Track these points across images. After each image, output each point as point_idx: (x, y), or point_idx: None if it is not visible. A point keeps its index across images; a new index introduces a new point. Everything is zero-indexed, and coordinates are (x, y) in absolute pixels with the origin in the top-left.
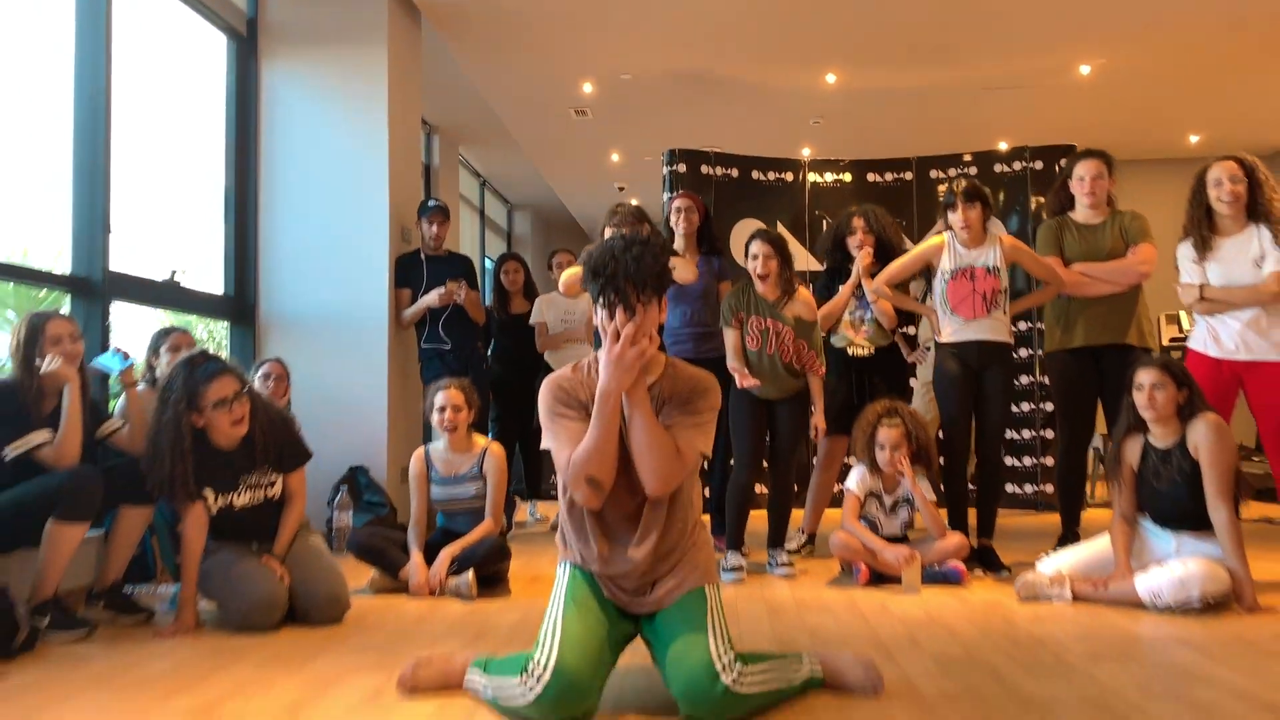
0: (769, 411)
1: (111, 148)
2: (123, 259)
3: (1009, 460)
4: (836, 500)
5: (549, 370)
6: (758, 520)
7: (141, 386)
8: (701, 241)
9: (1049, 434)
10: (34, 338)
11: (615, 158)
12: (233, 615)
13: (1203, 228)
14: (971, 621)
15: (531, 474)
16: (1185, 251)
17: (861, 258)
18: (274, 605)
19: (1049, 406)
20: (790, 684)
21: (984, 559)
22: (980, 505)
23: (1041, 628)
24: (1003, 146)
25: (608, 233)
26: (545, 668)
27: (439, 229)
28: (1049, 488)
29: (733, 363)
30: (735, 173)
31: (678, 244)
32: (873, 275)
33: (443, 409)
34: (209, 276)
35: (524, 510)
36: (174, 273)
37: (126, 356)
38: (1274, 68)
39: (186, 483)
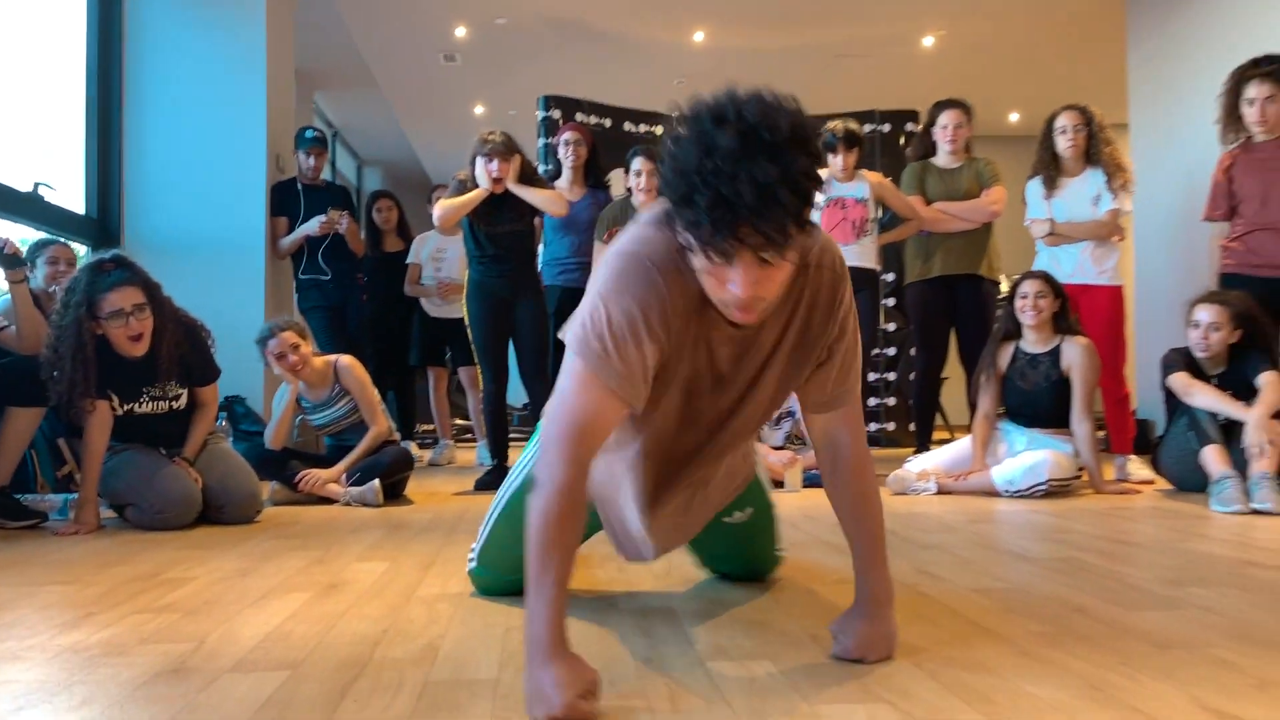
0: None
1: None
2: None
3: None
4: None
5: (423, 313)
6: None
7: None
8: (589, 174)
9: (892, 376)
10: None
11: (479, 110)
12: (146, 513)
13: (1050, 168)
14: None
15: (405, 416)
16: (1034, 189)
17: None
18: (191, 502)
19: (891, 351)
20: None
21: None
22: None
23: (911, 506)
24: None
25: (478, 163)
26: (475, 560)
27: (317, 160)
28: (891, 426)
29: None
30: (608, 123)
31: (564, 176)
32: None
33: (282, 355)
34: (68, 195)
35: None
36: (37, 185)
37: (18, 256)
38: (1082, 53)
39: (87, 388)
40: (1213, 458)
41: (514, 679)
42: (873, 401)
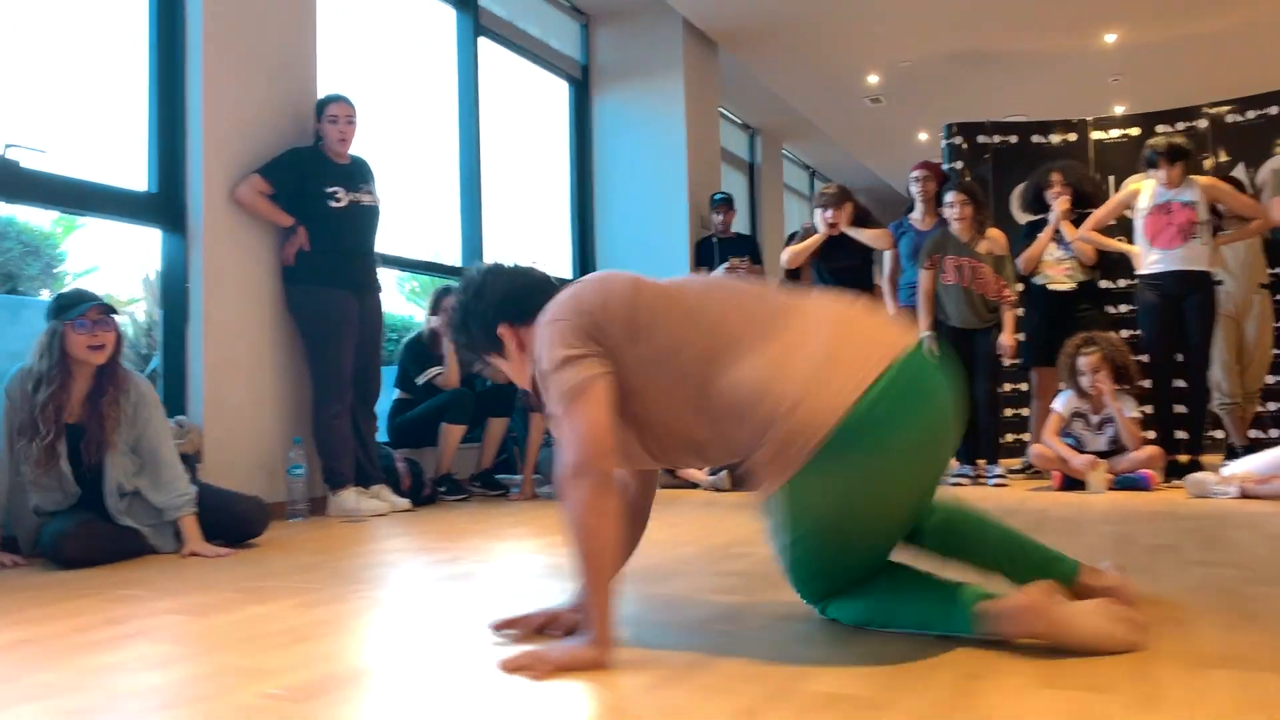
0: (970, 341)
1: (482, 173)
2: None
3: None
4: None
5: None
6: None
7: None
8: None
9: None
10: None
11: (923, 137)
12: None
13: None
14: (1147, 505)
15: None
16: None
17: (1059, 205)
18: None
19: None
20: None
21: (1189, 473)
22: (1188, 424)
23: (1203, 507)
24: None
25: (816, 213)
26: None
27: (725, 216)
28: (1219, 434)
29: (922, 305)
30: (1014, 139)
31: (917, 209)
32: (1073, 221)
33: None
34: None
35: None
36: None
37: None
38: None
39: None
40: None
41: None
42: None
